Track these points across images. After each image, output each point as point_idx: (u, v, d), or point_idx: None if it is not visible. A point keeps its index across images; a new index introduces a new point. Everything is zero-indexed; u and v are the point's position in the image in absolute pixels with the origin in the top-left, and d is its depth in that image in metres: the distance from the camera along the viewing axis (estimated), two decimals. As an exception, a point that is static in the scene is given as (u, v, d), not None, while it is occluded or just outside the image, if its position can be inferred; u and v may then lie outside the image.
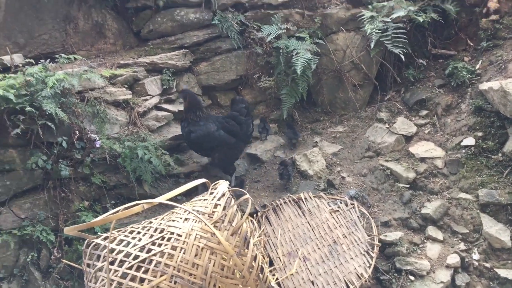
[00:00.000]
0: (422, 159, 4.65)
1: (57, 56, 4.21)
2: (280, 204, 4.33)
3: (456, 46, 5.53)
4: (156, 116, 4.75)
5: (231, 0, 5.28)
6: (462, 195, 4.28)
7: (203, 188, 4.14)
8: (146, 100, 4.71)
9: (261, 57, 5.34)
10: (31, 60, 4.17)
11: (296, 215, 4.22)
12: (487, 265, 3.85)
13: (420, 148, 4.76)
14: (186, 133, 4.45)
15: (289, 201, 4.34)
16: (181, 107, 4.95)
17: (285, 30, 5.24)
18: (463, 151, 4.54)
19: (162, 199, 2.85)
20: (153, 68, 4.93)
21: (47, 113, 3.73)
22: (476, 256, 3.91)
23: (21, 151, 3.91)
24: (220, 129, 4.45)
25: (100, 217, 2.63)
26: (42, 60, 4.11)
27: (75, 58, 4.19)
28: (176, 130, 4.89)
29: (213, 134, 4.39)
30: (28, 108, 3.66)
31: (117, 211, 2.66)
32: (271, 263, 3.87)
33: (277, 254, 3.92)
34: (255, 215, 4.27)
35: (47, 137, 3.88)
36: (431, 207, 4.23)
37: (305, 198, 4.32)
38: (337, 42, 5.44)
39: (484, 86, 4.57)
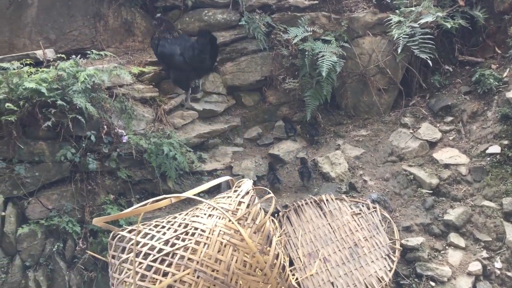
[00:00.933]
0: (446, 166, 4.62)
1: (88, 52, 4.30)
2: (302, 205, 4.35)
3: (484, 53, 5.49)
4: (181, 114, 4.82)
5: (258, 2, 5.31)
6: (486, 203, 4.24)
7: (225, 186, 4.20)
8: (172, 98, 4.79)
9: (286, 59, 5.36)
10: (63, 55, 4.27)
11: (317, 217, 4.23)
12: (510, 274, 3.81)
13: (444, 155, 4.73)
14: (155, 45, 4.72)
15: (311, 202, 4.36)
16: (206, 106, 5.07)
17: (311, 33, 5.24)
18: (488, 158, 4.50)
19: (189, 194, 2.90)
20: (180, 66, 5.00)
21: (77, 107, 3.83)
22: (498, 264, 3.87)
23: (51, 144, 4.02)
24: (182, 54, 4.65)
25: (129, 209, 2.69)
26: (73, 56, 4.20)
27: (105, 55, 4.28)
28: (200, 128, 4.96)
29: (174, 56, 4.63)
30: (59, 102, 3.75)
31: (146, 204, 2.72)
32: (291, 263, 3.89)
33: (297, 254, 3.94)
34: (276, 215, 4.30)
35: (76, 130, 3.98)
36: (454, 214, 4.20)
37: (327, 200, 4.33)
38: (363, 46, 5.44)
39: (511, 94, 4.53)
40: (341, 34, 5.39)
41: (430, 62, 4.99)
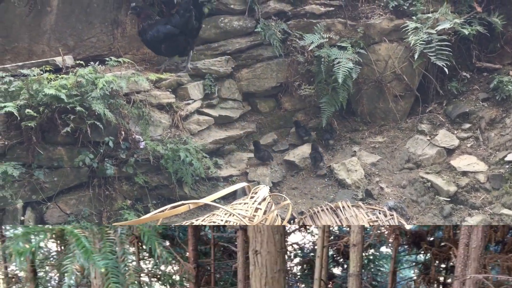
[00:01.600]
0: (464, 173, 4.58)
1: (106, 58, 4.34)
2: (318, 211, 4.31)
3: (502, 60, 5.45)
4: (197, 120, 4.85)
5: (274, 9, 5.33)
6: (505, 211, 4.19)
7: (241, 193, 4.20)
8: (188, 104, 4.82)
9: (302, 65, 5.36)
10: (81, 62, 4.32)
11: (333, 223, 4.20)
12: (530, 284, 3.75)
13: (462, 162, 4.69)
14: (143, 32, 4.83)
15: (327, 209, 4.31)
16: (222, 112, 5.11)
17: (327, 39, 5.24)
18: (507, 166, 4.45)
19: (207, 200, 2.90)
20: (196, 73, 5.04)
21: (95, 113, 3.86)
22: (518, 274, 3.81)
23: (69, 149, 4.07)
24: (167, 23, 4.79)
25: (147, 215, 2.70)
26: (92, 62, 4.25)
27: (123, 61, 4.32)
28: (216, 134, 4.98)
29: (161, 28, 4.76)
30: (78, 108, 3.79)
31: (164, 210, 2.73)
32: (307, 270, 3.88)
33: (314, 261, 3.92)
34: (292, 221, 4.28)
35: (94, 136, 4.01)
36: (472, 222, 4.15)
37: (343, 207, 4.29)
38: (379, 53, 5.42)
39: (530, 101, 4.49)
40: (357, 40, 5.38)
41: (446, 70, 4.94)
